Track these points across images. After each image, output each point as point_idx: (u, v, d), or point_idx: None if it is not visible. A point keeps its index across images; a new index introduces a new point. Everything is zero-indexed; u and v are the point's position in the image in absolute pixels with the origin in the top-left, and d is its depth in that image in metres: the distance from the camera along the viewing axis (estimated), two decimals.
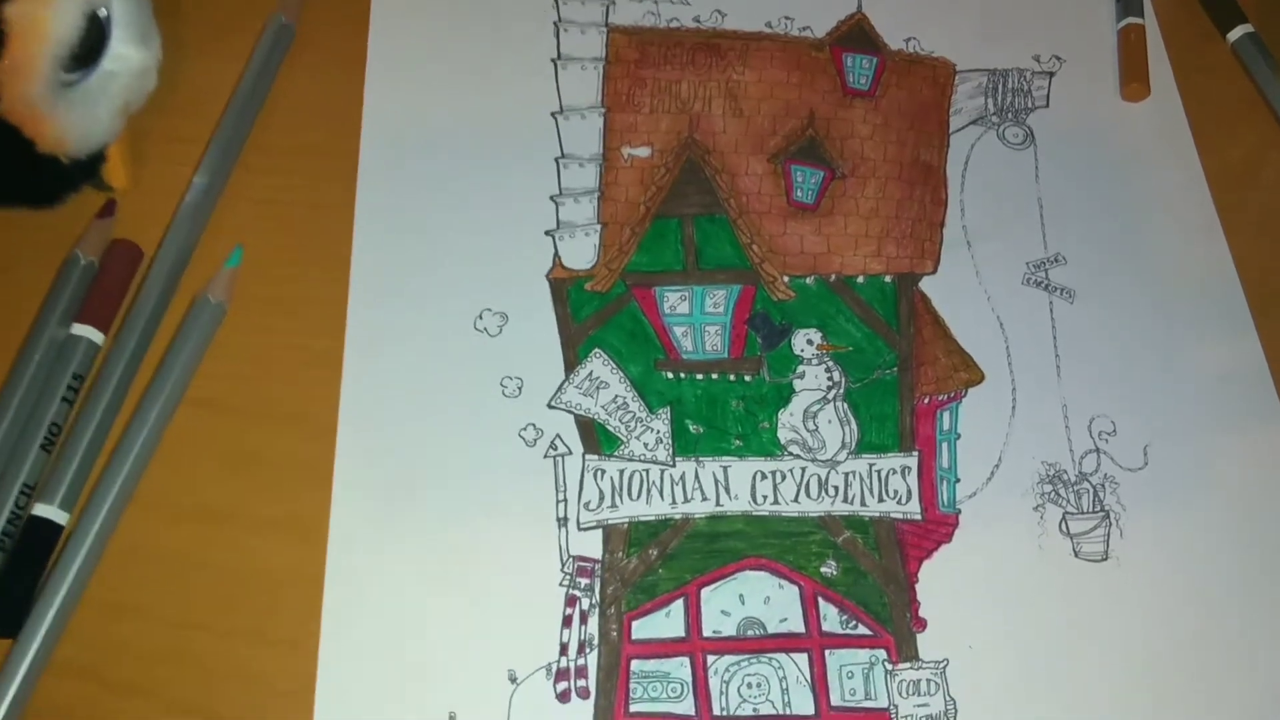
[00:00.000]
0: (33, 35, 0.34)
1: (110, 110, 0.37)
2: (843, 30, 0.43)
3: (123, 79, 0.37)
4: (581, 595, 0.33)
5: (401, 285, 0.37)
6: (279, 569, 0.33)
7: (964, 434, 0.36)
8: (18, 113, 0.34)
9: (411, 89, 0.41)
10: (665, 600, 0.33)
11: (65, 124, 0.35)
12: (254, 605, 0.33)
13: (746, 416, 0.36)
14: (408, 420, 0.35)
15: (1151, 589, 0.34)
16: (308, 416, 0.35)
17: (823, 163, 0.40)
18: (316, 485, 0.34)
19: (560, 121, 0.41)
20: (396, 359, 0.36)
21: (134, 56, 0.37)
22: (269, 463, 0.35)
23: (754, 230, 0.39)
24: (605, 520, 0.34)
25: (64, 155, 0.36)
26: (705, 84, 0.42)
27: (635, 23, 0.43)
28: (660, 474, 0.35)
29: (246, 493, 0.34)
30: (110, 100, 0.37)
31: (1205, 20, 0.47)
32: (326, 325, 0.37)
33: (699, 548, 0.34)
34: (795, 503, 0.35)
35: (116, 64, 0.37)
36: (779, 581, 0.34)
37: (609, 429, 0.36)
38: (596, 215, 0.39)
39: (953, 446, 0.36)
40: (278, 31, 0.41)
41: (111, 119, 0.37)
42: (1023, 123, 0.42)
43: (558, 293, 0.38)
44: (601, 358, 0.37)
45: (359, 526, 0.33)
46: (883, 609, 0.34)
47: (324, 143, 0.40)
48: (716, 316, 0.38)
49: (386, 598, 0.33)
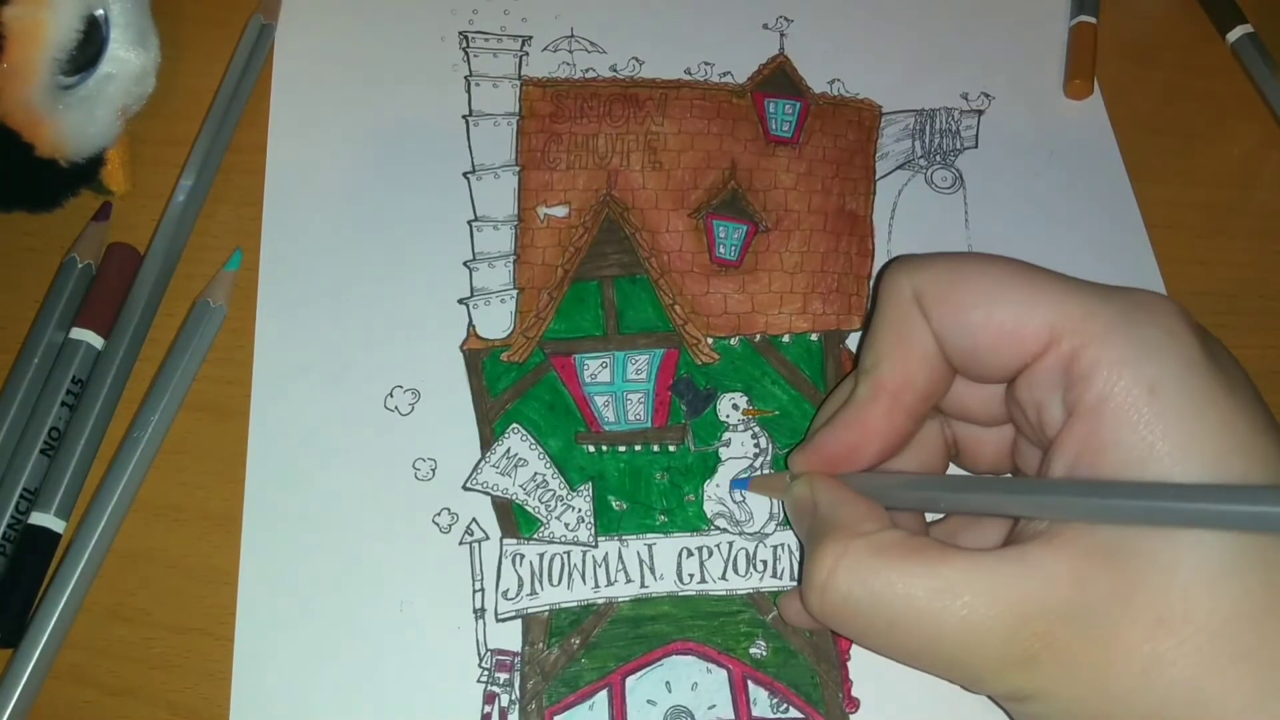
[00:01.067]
0: (31, 39, 0.33)
1: (108, 113, 0.37)
2: (764, 74, 0.42)
3: (121, 82, 0.37)
4: (501, 691, 0.32)
5: (307, 363, 0.36)
6: None
7: None
8: (16, 116, 0.34)
9: (314, 150, 0.39)
10: (588, 692, 0.32)
11: (64, 127, 0.35)
12: None
13: (671, 489, 0.35)
14: (313, 514, 0.34)
15: None
16: None
17: (746, 216, 0.39)
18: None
19: (473, 181, 0.39)
20: (302, 447, 0.34)
21: (132, 60, 0.37)
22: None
23: (676, 290, 0.38)
24: (525, 609, 0.33)
25: (63, 159, 0.36)
26: (623, 137, 0.40)
27: (550, 74, 0.41)
28: (582, 556, 0.34)
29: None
30: (108, 103, 0.37)
31: (1205, 20, 0.47)
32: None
33: (623, 634, 0.33)
34: (723, 580, 0.34)
35: (115, 67, 0.37)
36: (707, 666, 0.33)
37: (528, 509, 0.34)
38: (512, 280, 0.38)
39: None
40: (258, 33, 0.41)
41: (110, 122, 0.37)
42: (951, 165, 0.41)
43: (472, 365, 0.36)
44: (520, 433, 0.35)
45: (262, 629, 0.32)
46: (814, 690, 0.33)
47: None
48: (639, 384, 0.37)
49: (294, 706, 0.31)
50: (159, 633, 0.32)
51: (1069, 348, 0.26)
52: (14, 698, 0.30)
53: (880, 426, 0.29)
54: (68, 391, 0.34)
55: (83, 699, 0.31)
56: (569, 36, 0.42)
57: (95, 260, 0.37)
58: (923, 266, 0.29)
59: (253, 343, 0.36)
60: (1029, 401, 0.28)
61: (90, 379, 0.35)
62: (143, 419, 0.34)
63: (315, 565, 0.33)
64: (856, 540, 0.27)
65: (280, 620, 0.32)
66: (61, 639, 0.31)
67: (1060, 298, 0.26)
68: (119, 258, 0.37)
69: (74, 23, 0.35)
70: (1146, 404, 0.25)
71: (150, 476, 0.34)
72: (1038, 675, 0.25)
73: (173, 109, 0.40)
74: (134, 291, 0.36)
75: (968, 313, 0.28)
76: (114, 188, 0.38)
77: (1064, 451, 0.26)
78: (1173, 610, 0.24)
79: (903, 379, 0.29)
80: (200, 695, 0.32)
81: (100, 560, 0.33)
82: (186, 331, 0.36)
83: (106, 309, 0.36)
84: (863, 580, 0.26)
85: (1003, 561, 0.25)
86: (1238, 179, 0.44)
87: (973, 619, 0.25)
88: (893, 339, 0.29)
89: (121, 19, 0.37)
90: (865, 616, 0.27)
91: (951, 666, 0.27)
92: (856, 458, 0.30)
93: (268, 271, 0.37)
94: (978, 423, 0.31)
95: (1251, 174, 0.44)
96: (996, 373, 0.28)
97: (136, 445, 0.34)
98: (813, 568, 0.27)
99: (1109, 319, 0.26)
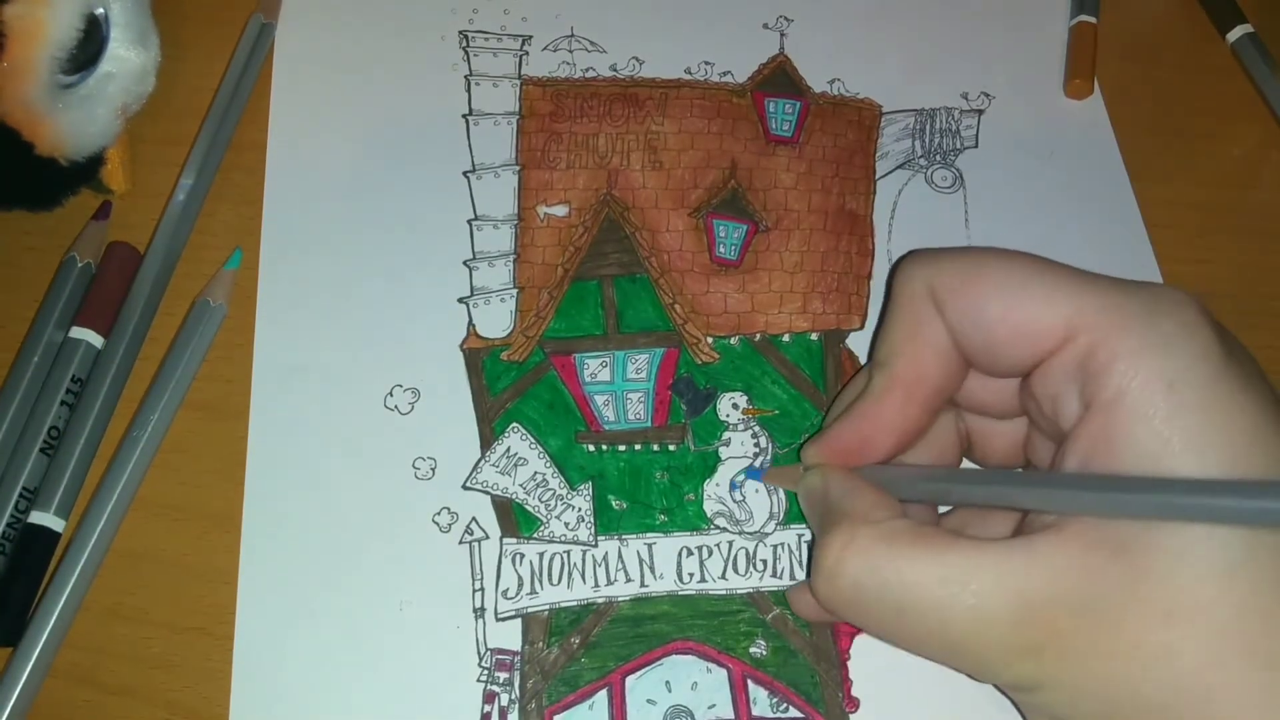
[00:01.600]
0: (31, 37, 0.33)
1: (108, 112, 0.37)
2: (764, 74, 0.42)
3: (121, 81, 0.37)
4: (501, 691, 0.32)
5: (307, 362, 0.36)
6: None
7: None
8: (16, 115, 0.34)
9: (313, 149, 0.39)
10: (588, 691, 0.32)
11: (63, 126, 0.35)
12: None
13: (671, 489, 0.35)
14: (312, 513, 0.33)
15: None
16: None
17: (746, 216, 0.39)
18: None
19: (473, 181, 0.39)
20: (301, 445, 0.34)
21: (132, 58, 0.37)
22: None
23: (676, 290, 0.38)
24: (524, 609, 0.33)
25: (62, 157, 0.36)
26: (624, 136, 0.40)
27: (550, 73, 0.41)
28: (582, 555, 0.34)
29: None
30: (108, 102, 0.37)
31: (1205, 20, 0.47)
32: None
33: (623, 633, 0.33)
34: (723, 579, 0.34)
35: (115, 66, 0.37)
36: (707, 665, 0.33)
37: (528, 509, 0.34)
38: (512, 279, 0.38)
39: None
40: (258, 32, 0.41)
41: (110, 121, 0.37)
42: (951, 165, 0.41)
43: (472, 364, 0.36)
44: (519, 432, 0.35)
45: (262, 627, 0.32)
46: (814, 689, 0.32)
47: None
48: (639, 383, 0.36)
49: (293, 707, 0.31)
50: (158, 632, 0.32)
51: (1086, 342, 0.26)
52: (13, 697, 0.30)
53: (894, 419, 0.29)
54: (67, 390, 0.34)
55: (82, 698, 0.31)
56: (569, 36, 0.42)
57: (95, 259, 0.37)
58: (938, 260, 0.29)
59: (252, 342, 0.36)
60: (1044, 395, 0.28)
61: (90, 378, 0.35)
62: (142, 418, 0.34)
63: (315, 564, 0.33)
64: (866, 528, 0.27)
65: (280, 618, 0.32)
66: (61, 638, 0.31)
67: (1077, 292, 0.26)
68: (119, 257, 0.37)
69: (74, 21, 0.35)
70: (1163, 399, 0.24)
71: (150, 476, 0.34)
72: (1044, 665, 0.25)
73: (173, 108, 0.40)
74: (134, 290, 0.36)
75: (984, 308, 0.28)
76: (114, 186, 0.38)
77: (1078, 445, 0.26)
78: (1180, 603, 0.24)
79: (917, 373, 0.29)
80: (199, 694, 0.31)
81: (100, 559, 0.33)
82: (186, 331, 0.36)
83: (106, 308, 0.36)
84: (872, 567, 0.26)
85: (1011, 551, 0.25)
86: (1238, 179, 0.44)
87: (980, 607, 0.25)
88: (907, 333, 0.29)
89: (122, 18, 0.37)
90: (873, 603, 0.27)
91: (958, 655, 0.27)
92: (870, 450, 0.30)
93: (267, 271, 0.37)
94: (992, 416, 0.31)
95: (1251, 174, 0.44)
96: (1012, 367, 0.28)
97: (136, 444, 0.34)
98: (822, 554, 0.27)
99: (1127, 313, 0.26)
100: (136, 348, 0.36)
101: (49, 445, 0.34)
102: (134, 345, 0.36)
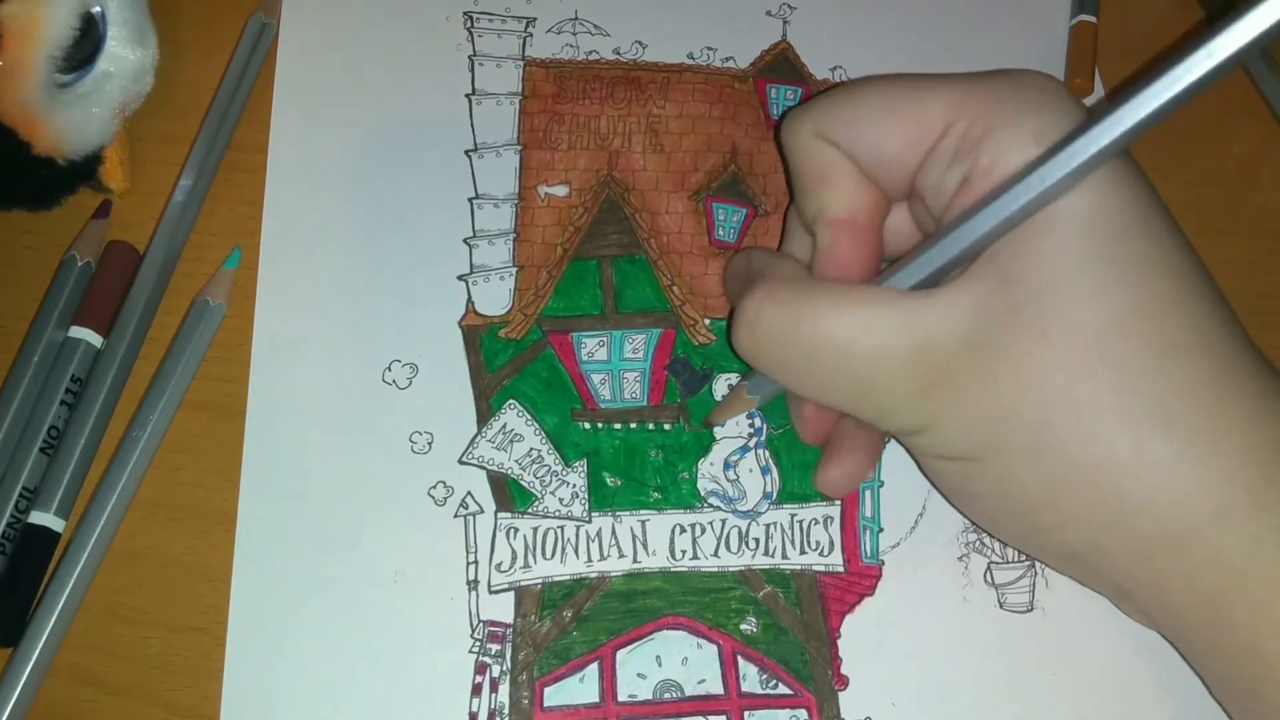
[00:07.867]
0: (27, 36, 0.33)
1: (106, 111, 0.36)
2: (766, 60, 0.42)
3: (119, 80, 0.37)
4: (492, 662, 0.32)
5: (306, 335, 0.36)
6: None
7: (886, 481, 0.35)
8: (13, 114, 0.34)
9: (317, 126, 0.39)
10: (579, 664, 0.32)
11: (61, 125, 0.35)
12: None
13: (666, 467, 0.35)
14: (309, 485, 0.34)
15: (1076, 640, 0.34)
16: None
17: (745, 200, 0.39)
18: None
19: (474, 160, 0.39)
20: (299, 417, 0.35)
21: (130, 57, 0.37)
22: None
23: (675, 271, 0.38)
24: (518, 582, 0.33)
25: (60, 157, 0.35)
26: (625, 119, 0.40)
27: (553, 55, 0.42)
28: (576, 530, 0.34)
29: None
30: (106, 101, 0.36)
31: (1205, 20, 0.47)
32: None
33: (615, 608, 0.33)
34: (715, 557, 0.34)
35: (112, 65, 0.36)
36: (697, 641, 0.33)
37: (523, 484, 0.35)
38: (512, 258, 0.38)
39: (876, 495, 0.35)
40: (259, 31, 0.41)
41: (108, 120, 0.37)
42: None
43: (470, 341, 0.36)
44: (516, 409, 0.36)
45: (258, 599, 0.32)
46: (804, 667, 0.33)
47: None
48: (636, 362, 0.37)
49: (288, 672, 0.31)
50: (157, 631, 0.32)
51: (961, 126, 0.28)
52: (13, 697, 0.30)
53: (854, 260, 0.30)
54: (67, 390, 0.34)
55: (82, 698, 0.31)
56: (573, 19, 0.42)
57: (95, 258, 0.36)
58: (814, 104, 0.31)
59: (252, 341, 0.36)
60: (929, 188, 0.29)
61: (90, 378, 0.34)
62: (142, 418, 0.34)
63: (311, 535, 0.33)
64: (785, 282, 0.29)
65: (275, 584, 0.32)
66: (61, 638, 0.31)
67: (948, 89, 0.29)
68: (118, 256, 0.37)
69: (71, 20, 0.34)
70: (1034, 151, 0.26)
71: (149, 475, 0.34)
72: (931, 404, 0.27)
73: (173, 107, 0.40)
74: (133, 290, 0.36)
75: (867, 127, 0.29)
76: (113, 186, 0.38)
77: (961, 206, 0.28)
78: (1053, 324, 0.26)
79: (848, 207, 0.30)
80: (199, 694, 0.31)
81: (99, 559, 0.32)
82: (186, 330, 0.35)
83: (106, 307, 0.36)
84: (788, 314, 0.28)
85: (913, 298, 0.28)
86: (1238, 179, 0.44)
87: (879, 348, 0.27)
88: (820, 179, 0.31)
89: (119, 16, 0.36)
90: (788, 349, 0.29)
91: (859, 398, 0.29)
92: None
93: (267, 270, 0.37)
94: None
95: (1251, 174, 0.44)
96: (909, 181, 0.30)
97: (136, 444, 0.33)
98: (743, 307, 0.29)
99: (994, 92, 0.28)
100: (136, 347, 0.35)
101: (49, 445, 0.33)
102: (134, 345, 0.35)
